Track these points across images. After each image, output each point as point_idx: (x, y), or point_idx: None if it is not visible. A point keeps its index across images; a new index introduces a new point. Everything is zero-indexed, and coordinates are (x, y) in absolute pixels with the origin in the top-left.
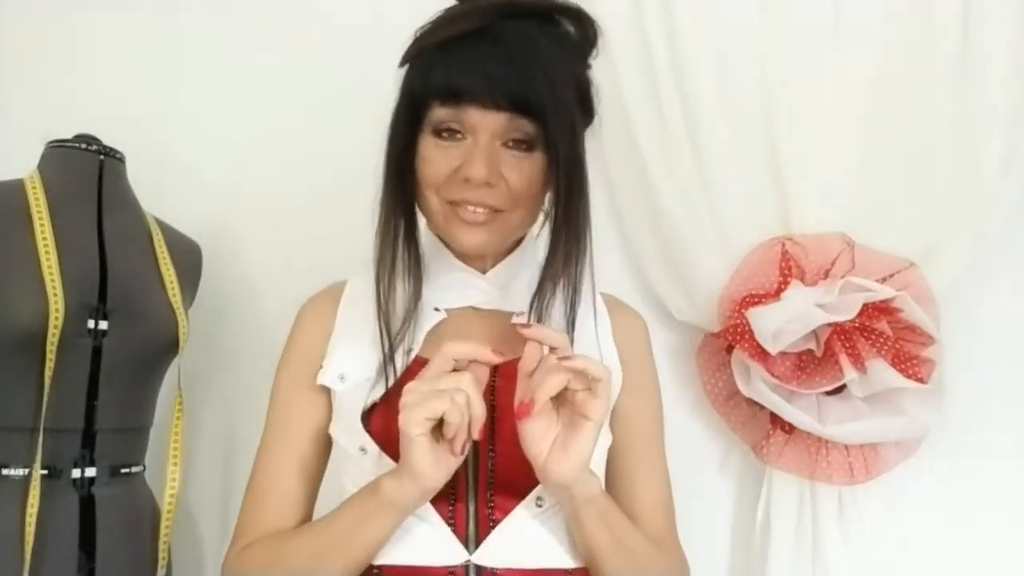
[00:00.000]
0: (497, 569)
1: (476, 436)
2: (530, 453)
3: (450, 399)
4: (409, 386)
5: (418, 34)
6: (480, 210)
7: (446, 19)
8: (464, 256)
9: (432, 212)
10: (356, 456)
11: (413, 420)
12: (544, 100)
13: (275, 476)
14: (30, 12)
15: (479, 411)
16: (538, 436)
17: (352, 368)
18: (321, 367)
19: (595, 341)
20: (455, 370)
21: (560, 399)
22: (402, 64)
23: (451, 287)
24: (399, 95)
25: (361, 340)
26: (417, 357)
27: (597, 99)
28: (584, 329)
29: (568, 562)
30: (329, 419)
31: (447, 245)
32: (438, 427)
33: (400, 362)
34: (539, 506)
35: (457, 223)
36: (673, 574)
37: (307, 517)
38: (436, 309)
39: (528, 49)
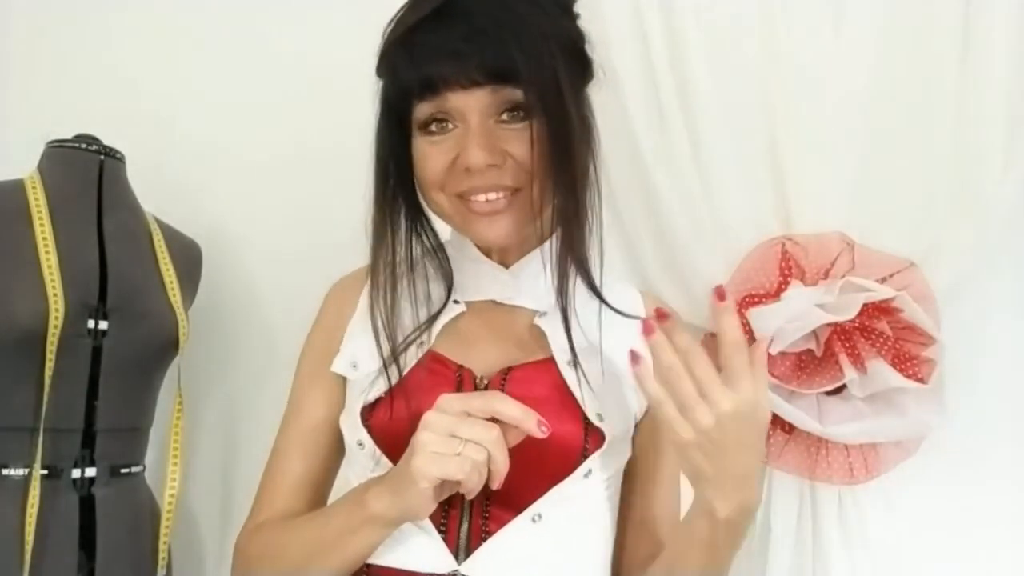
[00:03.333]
0: None
1: (495, 488)
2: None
3: (471, 464)
4: (429, 419)
5: (383, 36)
6: (494, 195)
7: (404, 13)
8: (486, 247)
9: (446, 213)
10: (355, 450)
11: (424, 472)
12: (518, 60)
13: (288, 458)
14: (30, 12)
15: (502, 468)
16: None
17: (365, 356)
18: (339, 353)
19: (617, 333)
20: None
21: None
22: (378, 73)
23: (471, 279)
24: (379, 104)
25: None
26: (431, 352)
27: (592, 51)
28: (608, 325)
29: None
30: (343, 405)
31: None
32: None
33: (412, 355)
34: (535, 522)
35: (474, 218)
36: None
37: (319, 500)
38: (455, 302)
39: (492, 14)
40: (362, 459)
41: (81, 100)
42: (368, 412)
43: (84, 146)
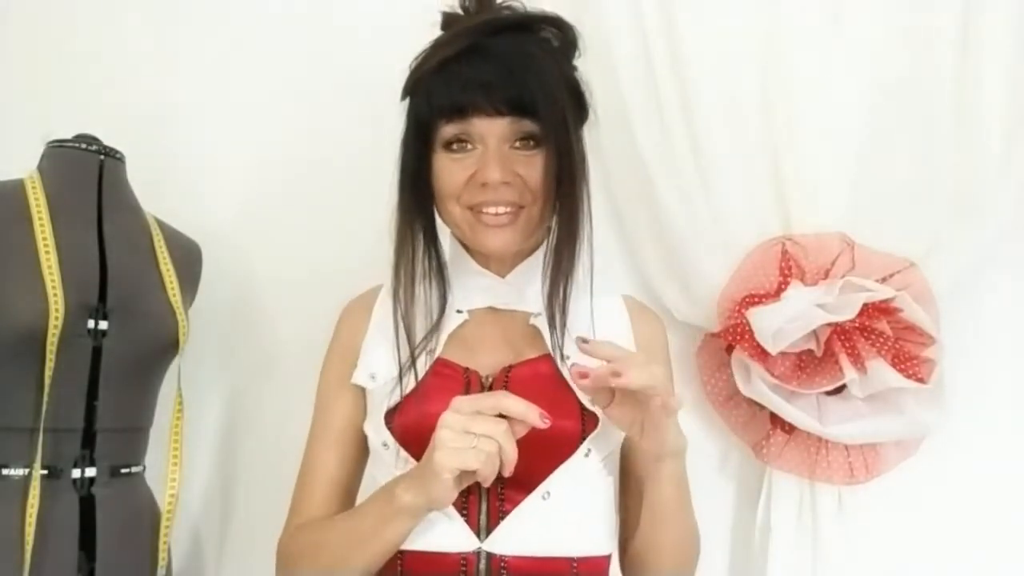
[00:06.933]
0: (506, 556)
1: (507, 475)
2: (628, 433)
3: (485, 455)
4: (446, 419)
5: (413, 66)
6: (502, 209)
7: (437, 46)
8: (484, 261)
9: (456, 222)
10: (380, 451)
11: (445, 465)
12: (537, 98)
13: (319, 467)
14: (30, 12)
15: (511, 456)
16: (626, 423)
17: (382, 368)
18: (357, 367)
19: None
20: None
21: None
22: (404, 97)
23: (472, 290)
24: (405, 122)
25: (390, 341)
26: (440, 358)
27: (590, 96)
28: (601, 328)
29: (573, 551)
30: (365, 415)
31: (468, 251)
32: None
33: (423, 363)
34: (545, 499)
35: (482, 228)
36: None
37: (349, 500)
38: (458, 311)
39: (517, 57)
40: (387, 458)
41: (81, 100)
42: (390, 416)
43: (84, 146)
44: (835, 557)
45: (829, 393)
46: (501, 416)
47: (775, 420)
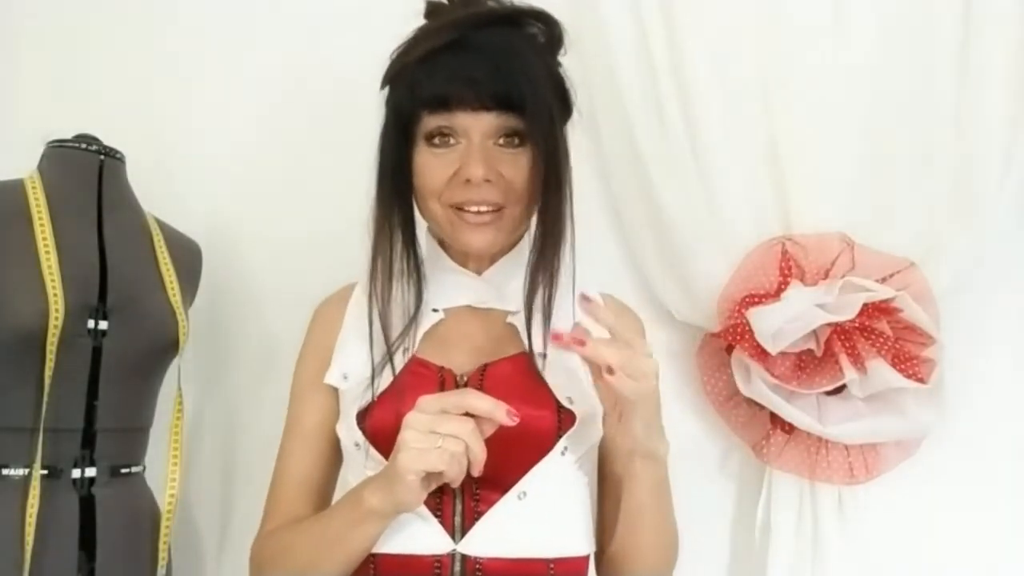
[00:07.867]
0: (481, 558)
1: (476, 474)
2: (610, 417)
3: (450, 456)
4: (410, 419)
5: (395, 55)
6: (484, 209)
7: (421, 36)
8: (461, 258)
9: (437, 220)
10: (352, 451)
11: (410, 467)
12: (524, 94)
13: (293, 467)
14: (31, 12)
15: (479, 456)
16: (610, 403)
17: (354, 368)
18: (330, 366)
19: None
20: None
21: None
22: (384, 85)
23: (449, 288)
24: (386, 113)
25: (364, 341)
26: (415, 357)
27: (574, 94)
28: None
29: (550, 552)
30: (338, 414)
31: (445, 248)
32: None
33: (398, 361)
34: (520, 499)
35: (463, 227)
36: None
37: (323, 503)
38: (434, 310)
39: (503, 52)
40: (359, 459)
41: (81, 100)
42: (363, 416)
43: (84, 146)
44: (835, 557)
45: (829, 393)
46: (469, 415)
47: (775, 420)
